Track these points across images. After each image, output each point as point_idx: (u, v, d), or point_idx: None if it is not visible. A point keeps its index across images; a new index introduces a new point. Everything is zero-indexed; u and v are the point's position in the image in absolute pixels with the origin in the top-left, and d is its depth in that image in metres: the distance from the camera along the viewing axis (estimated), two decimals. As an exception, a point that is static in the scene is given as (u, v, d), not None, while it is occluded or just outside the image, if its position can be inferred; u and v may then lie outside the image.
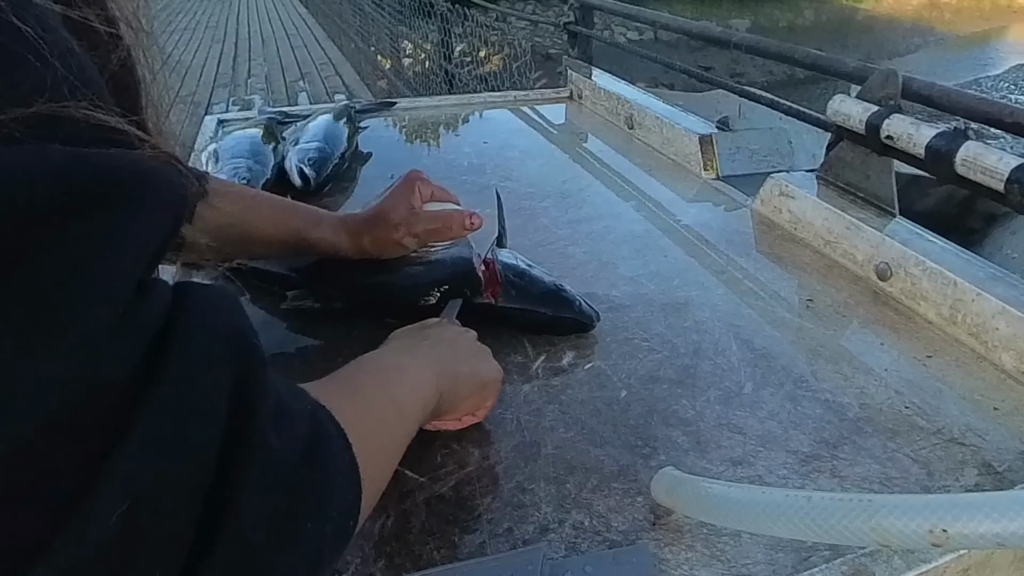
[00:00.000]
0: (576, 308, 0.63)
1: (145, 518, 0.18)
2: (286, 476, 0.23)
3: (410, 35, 4.77)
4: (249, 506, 0.21)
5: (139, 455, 0.18)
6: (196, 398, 0.20)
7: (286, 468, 0.23)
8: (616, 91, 1.28)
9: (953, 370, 0.60)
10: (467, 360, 0.50)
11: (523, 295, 0.63)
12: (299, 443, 0.24)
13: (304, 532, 0.23)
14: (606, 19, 7.06)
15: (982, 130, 0.71)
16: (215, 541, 0.20)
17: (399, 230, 0.62)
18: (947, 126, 0.69)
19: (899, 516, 0.27)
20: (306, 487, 0.24)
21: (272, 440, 0.22)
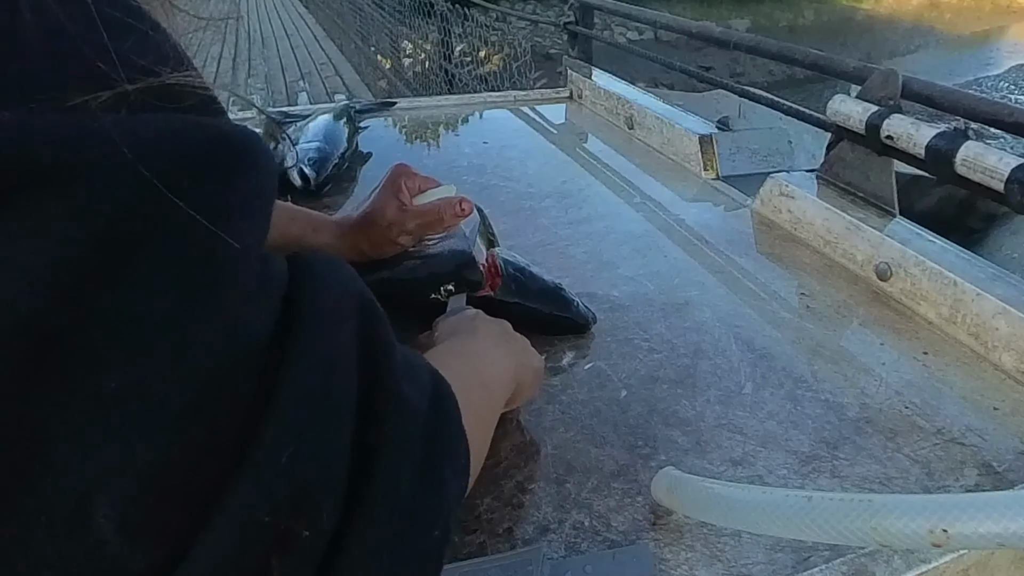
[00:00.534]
0: (573, 308, 0.63)
1: (308, 462, 0.19)
2: (421, 422, 0.24)
3: (410, 35, 4.77)
4: (395, 449, 0.22)
5: (294, 404, 0.19)
6: (332, 352, 0.21)
7: (420, 414, 0.24)
8: (616, 91, 1.28)
9: (953, 370, 0.60)
10: (528, 352, 0.51)
11: (523, 291, 0.63)
12: (426, 393, 0.25)
13: (441, 478, 0.24)
14: (606, 19, 7.06)
15: (982, 130, 0.71)
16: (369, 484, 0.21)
17: (392, 230, 0.62)
18: (947, 126, 0.69)
19: (899, 516, 0.27)
20: (438, 434, 0.25)
21: (405, 388, 0.23)
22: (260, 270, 0.20)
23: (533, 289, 0.63)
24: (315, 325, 0.21)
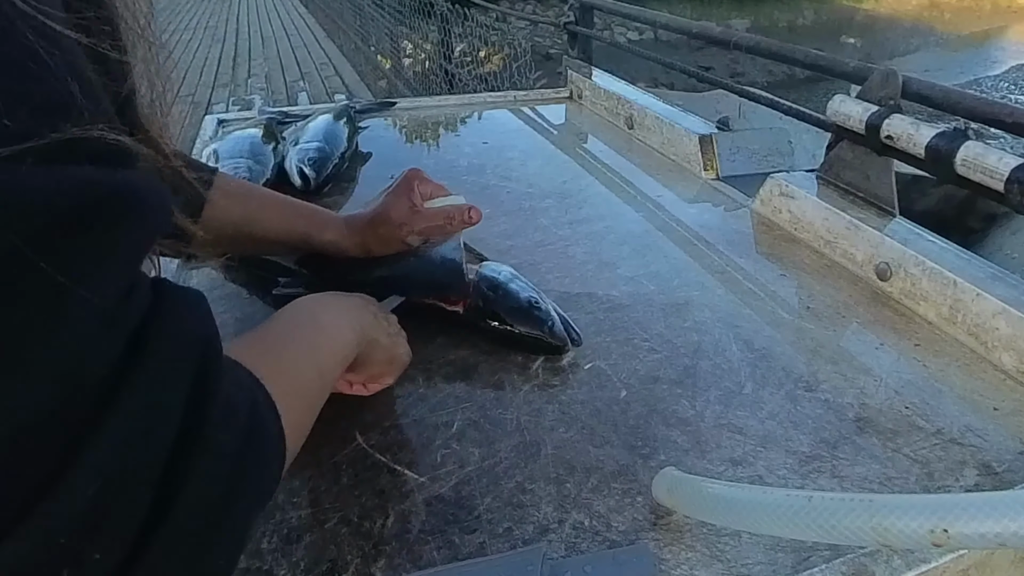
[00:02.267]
0: (547, 328, 0.60)
1: (111, 497, 0.21)
2: (227, 464, 0.26)
3: (410, 35, 4.77)
4: (193, 494, 0.24)
5: (110, 444, 0.21)
6: (159, 397, 0.23)
7: (228, 456, 0.26)
8: (616, 91, 1.28)
9: (953, 370, 0.60)
10: (386, 334, 0.54)
11: (492, 308, 0.62)
12: (240, 433, 0.27)
13: (235, 515, 0.27)
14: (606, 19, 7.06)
15: (982, 130, 0.71)
16: (164, 519, 0.23)
17: (403, 229, 0.63)
18: (947, 126, 0.69)
19: (900, 516, 0.27)
20: (244, 472, 0.27)
21: (219, 434, 0.25)
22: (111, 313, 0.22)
23: (503, 307, 0.61)
24: (152, 367, 0.23)
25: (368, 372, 0.53)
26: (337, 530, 0.44)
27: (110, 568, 0.22)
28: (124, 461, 0.22)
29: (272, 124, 1.06)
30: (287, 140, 1.03)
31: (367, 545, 0.43)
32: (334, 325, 0.48)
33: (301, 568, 0.42)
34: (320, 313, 0.48)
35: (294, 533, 0.44)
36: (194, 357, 0.25)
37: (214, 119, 1.21)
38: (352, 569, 0.41)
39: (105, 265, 0.22)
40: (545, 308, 0.62)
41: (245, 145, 0.96)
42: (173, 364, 0.24)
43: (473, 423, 0.53)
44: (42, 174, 0.20)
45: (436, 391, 0.57)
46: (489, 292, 0.62)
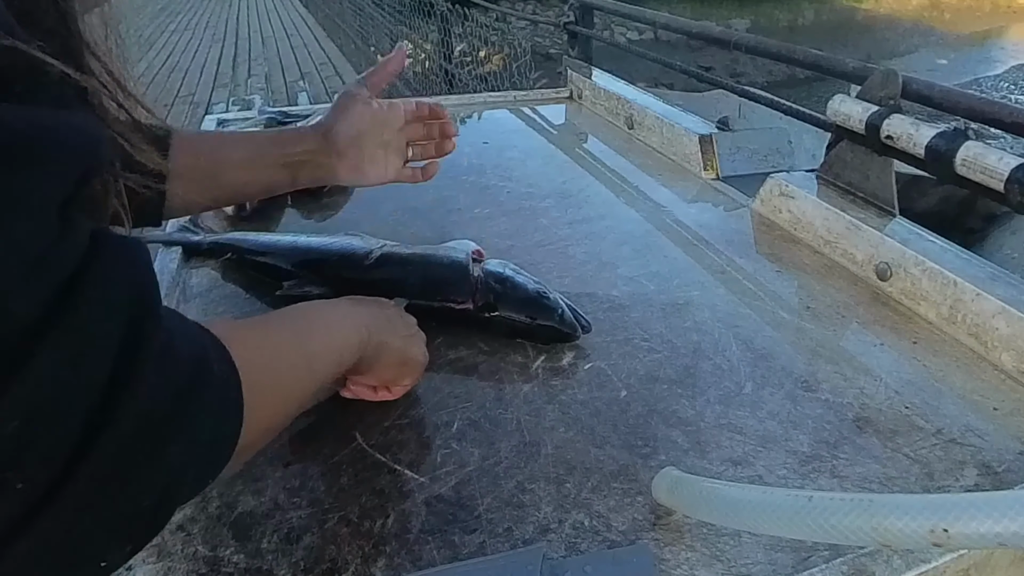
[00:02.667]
0: (557, 317, 0.61)
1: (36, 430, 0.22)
2: (159, 406, 0.26)
3: (410, 35, 4.76)
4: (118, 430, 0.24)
5: (35, 380, 0.22)
6: (90, 338, 0.24)
7: (160, 400, 0.26)
8: (616, 91, 1.28)
9: (953, 370, 0.60)
10: (399, 336, 0.52)
11: (502, 302, 0.62)
12: (179, 380, 0.28)
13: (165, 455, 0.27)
14: (606, 19, 7.06)
15: (982, 130, 0.71)
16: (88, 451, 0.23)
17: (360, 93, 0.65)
18: (947, 126, 0.69)
19: (900, 516, 0.27)
20: (178, 417, 0.27)
21: (150, 378, 0.26)
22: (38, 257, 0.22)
23: (513, 299, 0.62)
24: (83, 310, 0.23)
25: (380, 375, 0.52)
26: (337, 530, 0.44)
27: (32, 499, 0.22)
28: (50, 397, 0.22)
29: (272, 124, 1.06)
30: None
31: (367, 545, 0.43)
32: (335, 322, 0.47)
33: (301, 568, 0.42)
34: (324, 309, 0.49)
35: (294, 533, 0.44)
36: (128, 302, 0.25)
37: (214, 119, 1.21)
38: (352, 569, 0.41)
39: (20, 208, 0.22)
40: (553, 298, 0.63)
41: (245, 145, 0.96)
42: (106, 307, 0.24)
43: (473, 423, 0.53)
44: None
45: (436, 391, 0.57)
46: (497, 286, 0.63)
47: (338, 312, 0.49)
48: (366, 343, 0.48)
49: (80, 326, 0.23)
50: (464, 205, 0.92)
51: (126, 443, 0.25)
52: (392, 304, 0.57)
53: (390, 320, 0.53)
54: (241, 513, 0.45)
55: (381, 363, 0.51)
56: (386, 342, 0.50)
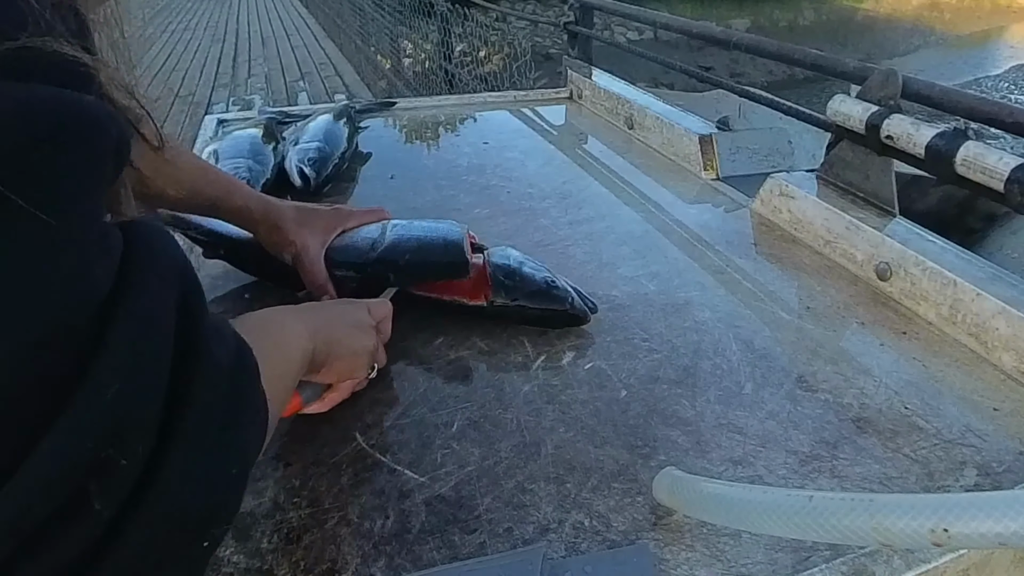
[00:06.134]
0: (568, 303, 0.63)
1: (128, 401, 0.23)
2: (225, 377, 0.28)
3: (410, 35, 4.76)
4: (202, 398, 0.26)
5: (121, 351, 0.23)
6: (155, 312, 0.25)
7: (224, 370, 0.28)
8: (616, 91, 1.28)
9: (953, 370, 0.60)
10: (345, 328, 0.52)
11: (513, 294, 0.64)
12: (231, 352, 0.29)
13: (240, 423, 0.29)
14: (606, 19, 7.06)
15: (982, 130, 0.71)
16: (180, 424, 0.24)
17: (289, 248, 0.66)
18: (947, 126, 0.69)
19: (900, 516, 0.27)
20: (239, 388, 0.29)
21: (213, 347, 0.27)
22: (100, 236, 0.23)
23: (524, 290, 0.64)
24: (144, 287, 0.24)
25: (335, 371, 0.51)
26: (337, 530, 0.44)
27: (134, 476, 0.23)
28: (135, 367, 0.23)
29: (272, 124, 1.06)
30: (287, 140, 1.03)
31: (367, 545, 0.43)
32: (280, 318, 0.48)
33: (301, 568, 0.42)
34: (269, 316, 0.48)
35: (294, 533, 0.44)
36: (177, 280, 0.26)
37: (214, 119, 1.21)
38: (352, 569, 0.41)
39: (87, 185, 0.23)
40: (562, 285, 0.65)
41: (245, 145, 0.96)
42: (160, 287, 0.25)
43: (473, 423, 0.53)
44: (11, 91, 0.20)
45: (436, 391, 0.57)
46: (507, 280, 0.64)
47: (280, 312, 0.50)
48: (315, 338, 0.47)
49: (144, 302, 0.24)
50: (464, 205, 0.92)
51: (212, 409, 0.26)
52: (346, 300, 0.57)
53: (337, 315, 0.53)
54: (241, 513, 0.45)
55: (333, 355, 0.49)
56: (332, 335, 0.50)
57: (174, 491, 0.24)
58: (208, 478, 0.26)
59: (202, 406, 0.25)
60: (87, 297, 0.22)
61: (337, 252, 0.68)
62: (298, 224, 0.67)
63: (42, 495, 0.20)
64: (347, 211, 0.72)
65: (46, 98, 0.21)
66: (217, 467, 0.27)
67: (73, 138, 0.22)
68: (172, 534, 0.24)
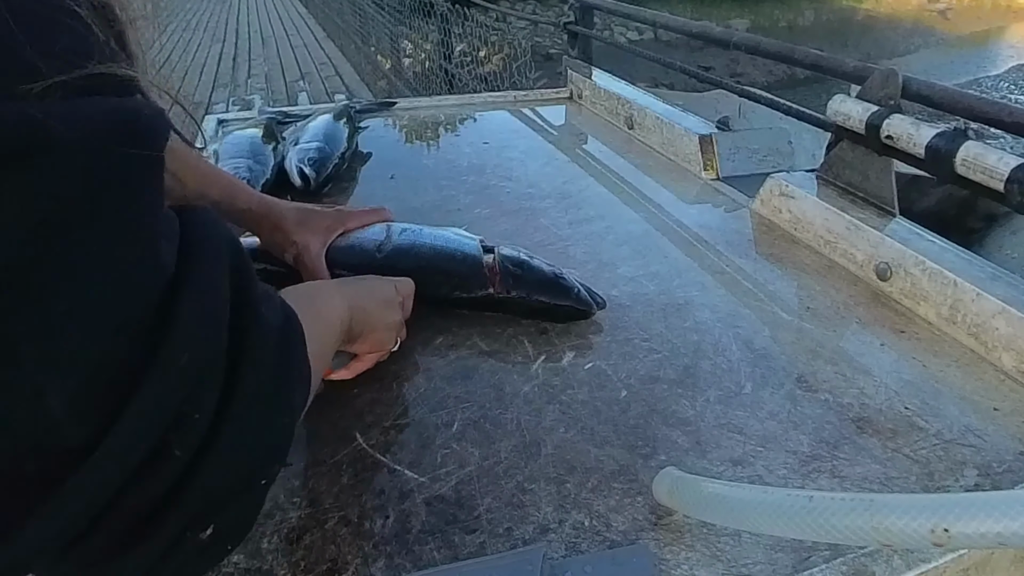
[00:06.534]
0: (574, 295, 0.65)
1: (197, 363, 0.26)
2: (275, 336, 0.31)
3: (410, 35, 4.76)
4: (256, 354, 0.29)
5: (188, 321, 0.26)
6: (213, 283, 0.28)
7: (274, 330, 0.31)
8: (616, 91, 1.28)
9: (953, 370, 0.60)
10: (378, 303, 0.55)
11: (521, 286, 0.65)
12: (280, 317, 0.33)
13: (290, 379, 0.32)
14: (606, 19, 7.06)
15: (982, 130, 0.71)
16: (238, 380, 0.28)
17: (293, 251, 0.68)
18: (947, 126, 0.69)
19: (901, 516, 0.27)
20: (288, 346, 0.32)
21: (263, 310, 0.31)
22: (166, 221, 0.27)
23: (531, 282, 0.65)
24: (201, 263, 0.27)
25: (369, 341, 0.54)
26: (337, 530, 0.44)
27: (204, 427, 0.26)
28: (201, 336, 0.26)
29: (272, 124, 1.06)
30: (287, 140, 1.03)
31: (367, 545, 0.43)
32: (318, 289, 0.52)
33: (301, 568, 0.42)
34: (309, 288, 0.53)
35: (294, 533, 0.44)
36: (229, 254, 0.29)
37: (214, 119, 1.21)
38: (352, 569, 0.41)
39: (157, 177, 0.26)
40: (569, 278, 0.66)
41: (245, 145, 0.96)
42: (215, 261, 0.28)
43: (473, 423, 0.53)
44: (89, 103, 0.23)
45: (436, 391, 0.57)
46: (516, 270, 0.66)
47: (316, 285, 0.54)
48: (352, 312, 0.50)
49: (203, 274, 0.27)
50: (464, 205, 0.92)
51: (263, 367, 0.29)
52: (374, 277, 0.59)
53: (373, 289, 0.56)
54: (241, 513, 0.45)
55: (367, 327, 0.53)
56: (366, 307, 0.53)
57: (236, 437, 0.28)
58: (263, 427, 0.30)
59: (257, 364, 0.29)
60: (158, 277, 0.26)
61: (340, 252, 0.68)
62: (299, 224, 0.68)
63: (133, 448, 0.24)
64: (347, 211, 0.73)
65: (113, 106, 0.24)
66: (270, 418, 0.30)
67: (140, 139, 0.25)
68: (236, 473, 0.28)
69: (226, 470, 0.28)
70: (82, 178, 0.23)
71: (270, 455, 0.31)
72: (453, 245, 0.68)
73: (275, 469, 0.32)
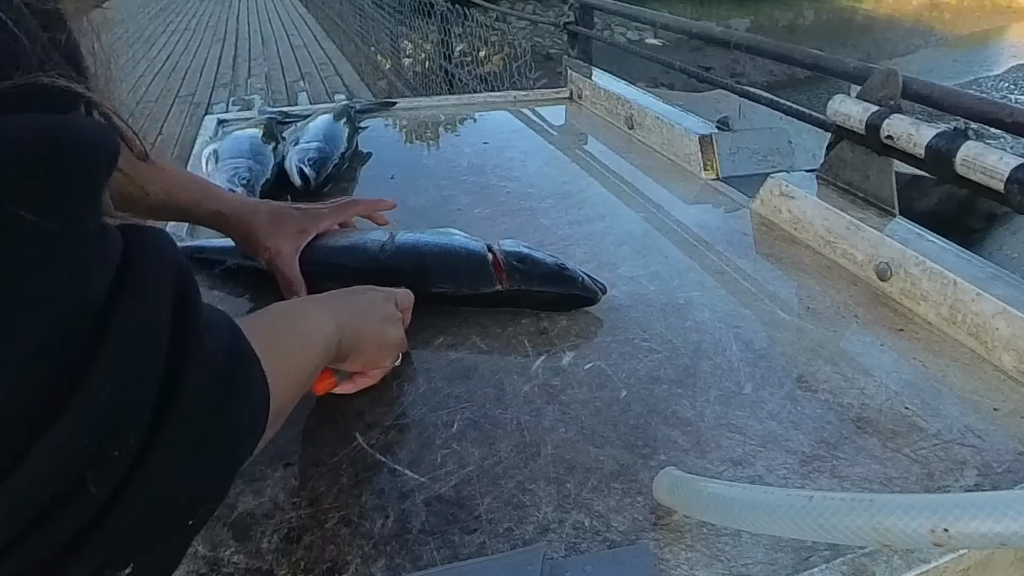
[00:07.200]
0: (579, 284, 0.66)
1: (122, 400, 0.24)
2: (217, 368, 0.29)
3: (410, 35, 4.76)
4: (192, 388, 0.27)
5: (115, 354, 0.24)
6: (151, 315, 0.26)
7: (217, 363, 0.29)
8: (616, 91, 1.28)
9: (953, 370, 0.60)
10: (374, 321, 0.54)
11: (526, 278, 0.66)
12: (225, 345, 0.31)
13: (231, 412, 0.30)
14: (606, 19, 7.06)
15: (982, 130, 0.71)
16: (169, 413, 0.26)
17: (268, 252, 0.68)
18: (947, 126, 0.69)
19: (901, 516, 0.27)
20: (231, 379, 0.30)
21: (206, 340, 0.29)
22: (96, 247, 0.25)
23: (536, 275, 0.66)
24: (140, 288, 0.26)
25: (361, 359, 0.53)
26: (337, 530, 0.44)
27: (126, 464, 0.25)
28: (129, 367, 0.25)
29: (272, 124, 1.07)
30: (287, 140, 1.03)
31: (367, 545, 0.43)
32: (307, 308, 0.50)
33: (301, 568, 0.42)
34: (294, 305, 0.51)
35: (294, 533, 0.44)
36: (173, 280, 0.28)
37: (214, 119, 1.21)
38: (352, 569, 0.41)
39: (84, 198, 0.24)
40: (572, 267, 0.67)
41: (245, 145, 0.96)
42: (157, 287, 0.27)
43: (473, 423, 0.53)
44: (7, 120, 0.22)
45: (436, 391, 0.57)
46: (520, 264, 0.66)
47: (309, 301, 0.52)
48: (342, 330, 0.48)
49: (140, 306, 0.26)
50: (464, 205, 0.92)
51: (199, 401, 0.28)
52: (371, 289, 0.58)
53: (365, 306, 0.55)
54: (241, 513, 0.45)
55: (359, 348, 0.52)
56: (360, 327, 0.52)
57: (161, 475, 0.26)
58: (194, 466, 0.28)
59: (190, 396, 0.27)
60: (84, 304, 0.24)
61: (342, 253, 0.68)
62: (270, 228, 0.68)
63: (43, 484, 0.23)
64: (318, 212, 0.72)
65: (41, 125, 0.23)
66: (203, 454, 0.28)
67: (66, 158, 0.23)
68: (158, 513, 0.27)
69: (147, 509, 0.26)
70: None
71: (201, 494, 0.29)
72: (457, 244, 0.68)
73: (208, 508, 0.30)
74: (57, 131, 0.23)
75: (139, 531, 0.26)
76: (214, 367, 0.29)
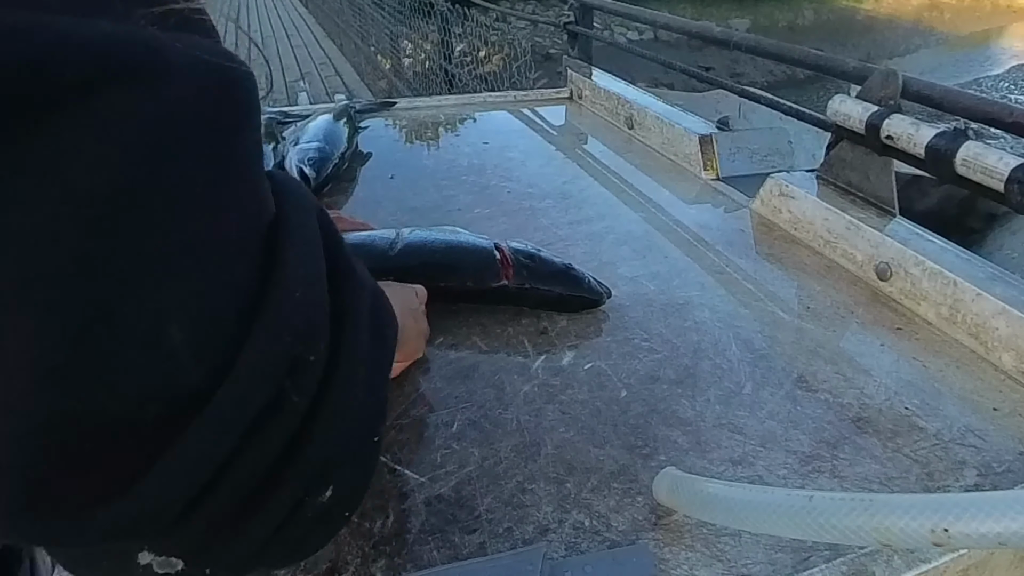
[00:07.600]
0: (585, 285, 0.66)
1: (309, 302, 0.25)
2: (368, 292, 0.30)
3: (410, 35, 4.76)
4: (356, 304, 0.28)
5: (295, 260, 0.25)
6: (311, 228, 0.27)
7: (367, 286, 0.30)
8: (616, 91, 1.28)
9: (953, 371, 0.60)
10: (410, 313, 0.56)
11: (534, 276, 0.66)
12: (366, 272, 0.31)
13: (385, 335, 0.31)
14: (606, 19, 7.05)
15: (982, 130, 0.71)
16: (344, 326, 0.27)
17: None
18: (947, 126, 0.69)
19: (901, 515, 0.27)
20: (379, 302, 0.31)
21: (355, 265, 0.30)
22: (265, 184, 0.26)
23: (544, 273, 0.66)
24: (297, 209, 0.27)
25: (405, 350, 0.56)
26: (337, 530, 0.44)
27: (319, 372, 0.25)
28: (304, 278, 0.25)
29: (272, 124, 1.07)
30: (287, 140, 1.03)
31: (367, 545, 0.43)
32: None
33: (301, 568, 0.42)
34: None
35: (294, 533, 0.44)
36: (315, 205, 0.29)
37: (214, 119, 1.21)
38: (352, 569, 0.41)
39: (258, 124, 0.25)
40: (578, 268, 0.67)
41: (245, 145, 0.96)
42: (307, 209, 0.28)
43: (473, 423, 0.53)
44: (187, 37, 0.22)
45: (436, 391, 0.57)
46: (527, 261, 0.67)
47: None
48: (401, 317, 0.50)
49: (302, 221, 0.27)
50: (464, 205, 0.92)
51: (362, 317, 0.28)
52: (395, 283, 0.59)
53: (403, 299, 0.56)
54: (241, 513, 0.45)
55: (406, 337, 0.53)
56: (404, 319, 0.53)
57: (348, 384, 0.27)
58: (372, 374, 0.29)
59: (356, 315, 0.28)
60: (266, 212, 0.25)
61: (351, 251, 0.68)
62: None
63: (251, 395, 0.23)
64: None
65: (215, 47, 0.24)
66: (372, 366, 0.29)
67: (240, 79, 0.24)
68: (352, 423, 0.27)
69: (343, 419, 0.26)
70: (197, 108, 0.22)
71: (379, 407, 0.30)
72: (465, 240, 0.69)
73: (384, 425, 0.31)
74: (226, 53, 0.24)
75: (337, 445, 0.26)
76: (367, 290, 0.30)
